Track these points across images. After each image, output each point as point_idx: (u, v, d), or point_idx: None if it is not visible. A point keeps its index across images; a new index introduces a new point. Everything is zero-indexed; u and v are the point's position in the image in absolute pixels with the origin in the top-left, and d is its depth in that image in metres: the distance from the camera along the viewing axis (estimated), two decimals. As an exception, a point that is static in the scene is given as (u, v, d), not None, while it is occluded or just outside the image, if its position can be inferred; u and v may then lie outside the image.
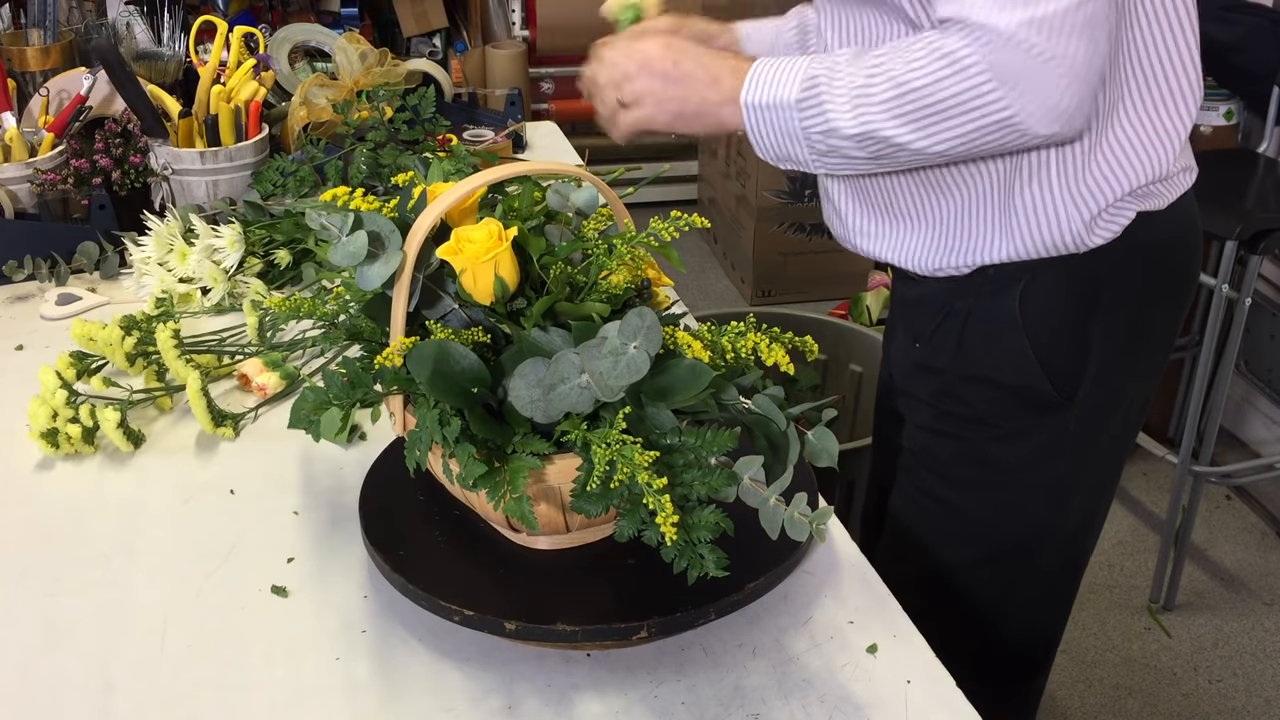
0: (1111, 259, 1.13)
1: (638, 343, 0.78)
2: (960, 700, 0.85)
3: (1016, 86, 0.95)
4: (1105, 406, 1.21)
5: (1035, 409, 1.19)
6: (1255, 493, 2.74)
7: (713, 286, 3.71)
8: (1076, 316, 1.15)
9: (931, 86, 0.97)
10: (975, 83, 0.96)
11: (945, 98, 0.97)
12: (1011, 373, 1.18)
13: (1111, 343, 1.17)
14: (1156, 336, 1.22)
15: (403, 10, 3.41)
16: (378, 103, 1.64)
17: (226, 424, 1.16)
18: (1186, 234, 1.20)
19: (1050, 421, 1.19)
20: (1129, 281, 1.15)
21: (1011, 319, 1.15)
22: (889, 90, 0.99)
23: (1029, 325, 1.15)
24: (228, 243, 1.37)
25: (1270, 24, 2.43)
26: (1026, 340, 1.16)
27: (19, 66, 1.84)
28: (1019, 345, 1.16)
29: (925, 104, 0.98)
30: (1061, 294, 1.14)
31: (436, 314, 0.88)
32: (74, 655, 0.89)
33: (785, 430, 0.84)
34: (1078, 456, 1.23)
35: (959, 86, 0.96)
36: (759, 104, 1.06)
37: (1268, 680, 2.23)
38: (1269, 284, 2.68)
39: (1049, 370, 1.17)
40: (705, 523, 0.80)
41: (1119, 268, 1.14)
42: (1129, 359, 1.20)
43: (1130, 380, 1.22)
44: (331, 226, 0.83)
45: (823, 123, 1.03)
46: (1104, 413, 1.21)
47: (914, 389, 1.27)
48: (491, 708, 0.84)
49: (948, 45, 0.97)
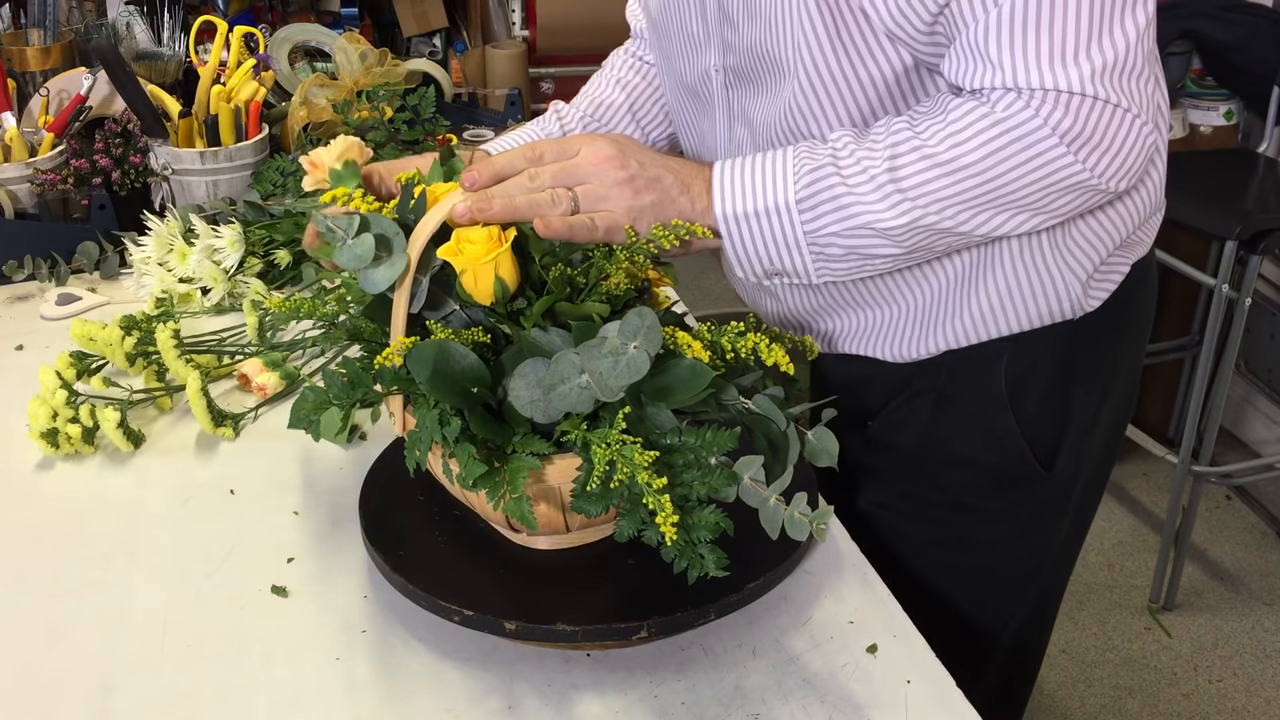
0: (1101, 317, 1.06)
1: (637, 343, 0.78)
2: (960, 700, 0.85)
3: (1093, 146, 0.85)
4: (1079, 468, 1.14)
5: (1017, 485, 1.11)
6: (1255, 493, 2.74)
7: (713, 286, 3.71)
8: (1062, 384, 1.08)
9: (987, 161, 0.86)
10: (1041, 149, 0.85)
11: (1007, 172, 0.86)
12: (993, 452, 1.09)
13: (1091, 403, 1.11)
14: (1127, 380, 1.16)
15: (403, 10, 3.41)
16: (378, 103, 1.64)
17: (226, 424, 1.16)
18: (1154, 272, 1.15)
19: (1031, 496, 1.12)
20: (1109, 334, 1.09)
21: (997, 397, 1.07)
22: (933, 173, 0.87)
23: (1015, 401, 1.07)
24: (228, 243, 1.37)
25: (1270, 24, 2.43)
26: (1013, 416, 1.07)
27: (19, 66, 1.84)
28: (1004, 423, 1.08)
29: (983, 182, 0.87)
30: (1046, 362, 1.07)
31: (437, 315, 0.88)
32: (74, 655, 0.89)
33: (785, 430, 0.84)
34: (1054, 526, 1.17)
35: (1023, 157, 0.86)
36: (740, 214, 0.91)
37: (1268, 680, 2.23)
38: (1269, 284, 2.68)
39: (1033, 443, 1.09)
40: (705, 523, 0.80)
41: (1103, 323, 1.07)
42: (1104, 413, 1.14)
43: (1102, 430, 1.15)
44: (337, 229, 0.83)
45: (840, 221, 0.89)
46: (1078, 475, 1.14)
47: (867, 465, 1.15)
48: (491, 708, 0.84)
49: (1000, 114, 0.85)
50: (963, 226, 0.89)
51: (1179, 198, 2.30)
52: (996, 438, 1.08)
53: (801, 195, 0.89)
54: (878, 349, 1.09)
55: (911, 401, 1.10)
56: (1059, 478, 1.12)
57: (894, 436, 1.12)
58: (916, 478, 1.13)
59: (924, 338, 1.07)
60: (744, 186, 0.90)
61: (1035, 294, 1.03)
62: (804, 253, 0.91)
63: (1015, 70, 0.85)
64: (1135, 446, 2.56)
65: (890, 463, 1.14)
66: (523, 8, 3.75)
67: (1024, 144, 0.85)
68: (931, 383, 1.09)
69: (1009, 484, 1.11)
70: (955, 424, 1.09)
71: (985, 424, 1.08)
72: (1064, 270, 1.02)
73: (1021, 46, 0.85)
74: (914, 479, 1.13)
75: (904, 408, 1.11)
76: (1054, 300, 1.03)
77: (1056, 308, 1.04)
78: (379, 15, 3.48)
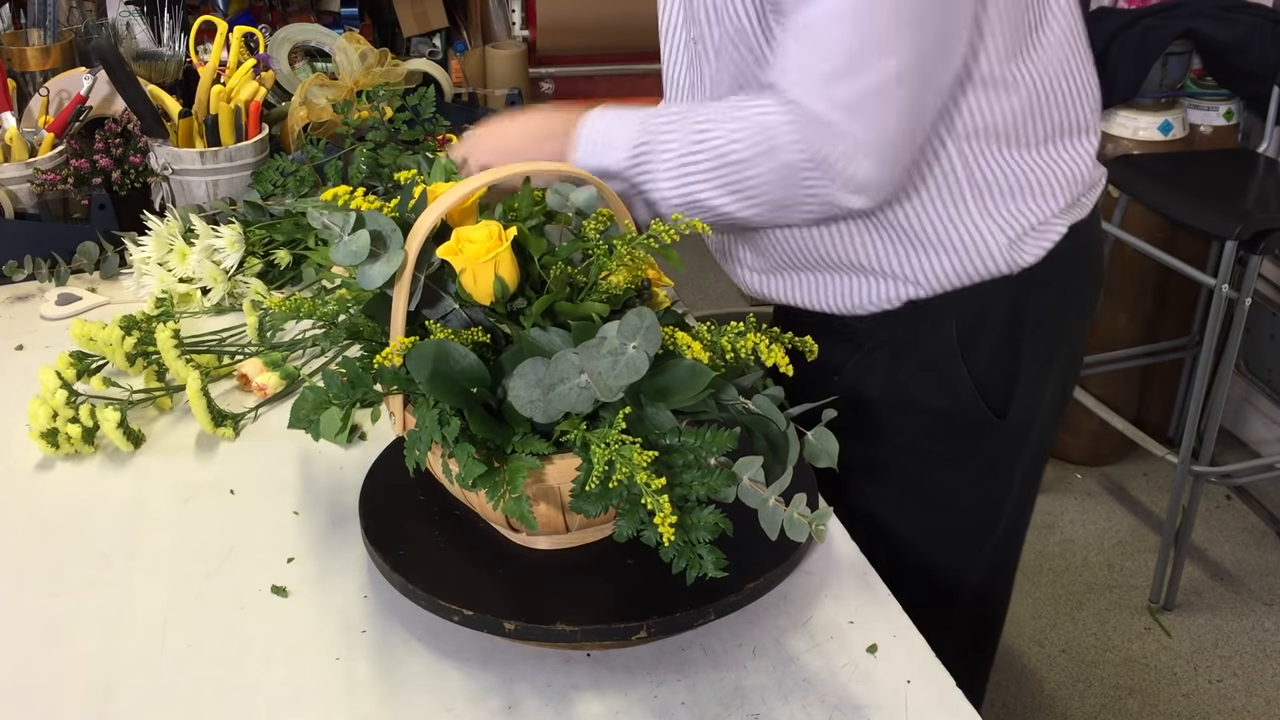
0: (1042, 276, 1.14)
1: (636, 343, 0.78)
2: (960, 700, 0.85)
3: (824, 164, 0.98)
4: (1031, 420, 1.22)
5: (969, 433, 1.19)
6: (1255, 493, 2.74)
7: (713, 286, 3.71)
8: (1010, 337, 1.16)
9: (750, 162, 1.00)
10: (787, 159, 0.99)
11: (762, 173, 1.00)
12: (948, 399, 1.17)
13: (1039, 357, 1.18)
14: (1073, 343, 1.25)
15: (403, 10, 3.41)
16: (378, 103, 1.64)
17: (226, 424, 1.16)
18: (1099, 239, 1.23)
19: (984, 444, 1.20)
20: (1056, 295, 1.17)
21: (949, 349, 1.15)
22: (712, 161, 1.02)
23: (966, 351, 1.15)
24: (228, 243, 1.37)
25: (1270, 24, 2.43)
26: (964, 366, 1.15)
27: (19, 66, 1.84)
28: (957, 374, 1.16)
29: (744, 177, 1.01)
30: (997, 318, 1.15)
31: (437, 314, 0.88)
32: (74, 655, 0.89)
33: (785, 430, 0.84)
34: (1008, 473, 1.24)
35: (773, 163, 1.00)
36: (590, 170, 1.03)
37: (1268, 680, 2.23)
38: (1269, 284, 2.68)
39: (985, 392, 1.17)
40: (704, 523, 0.80)
41: (1049, 284, 1.15)
42: (1052, 370, 1.21)
43: (1053, 383, 1.23)
44: (334, 226, 0.84)
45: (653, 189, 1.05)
46: (1030, 426, 1.22)
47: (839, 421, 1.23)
48: (491, 708, 0.84)
49: (767, 120, 1.00)
50: (729, 210, 1.03)
51: (1179, 198, 2.31)
52: (950, 386, 1.17)
53: (627, 164, 1.05)
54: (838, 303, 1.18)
55: (873, 354, 1.19)
56: (1011, 427, 1.20)
57: (857, 389, 1.21)
58: (878, 426, 1.21)
59: (879, 290, 1.15)
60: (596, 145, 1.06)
61: (968, 250, 1.12)
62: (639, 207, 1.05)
63: (788, 78, 0.99)
64: (1135, 446, 2.56)
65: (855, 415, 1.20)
66: (523, 8, 3.75)
67: (776, 154, 0.99)
68: (890, 335, 1.17)
69: (963, 430, 1.19)
70: (911, 373, 1.18)
71: (939, 373, 1.17)
72: (993, 230, 1.11)
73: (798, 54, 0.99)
74: (876, 427, 1.21)
75: (866, 361, 1.20)
76: (988, 257, 1.12)
77: (992, 264, 1.12)
78: (379, 15, 3.48)
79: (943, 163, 1.08)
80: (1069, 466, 2.84)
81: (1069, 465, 2.85)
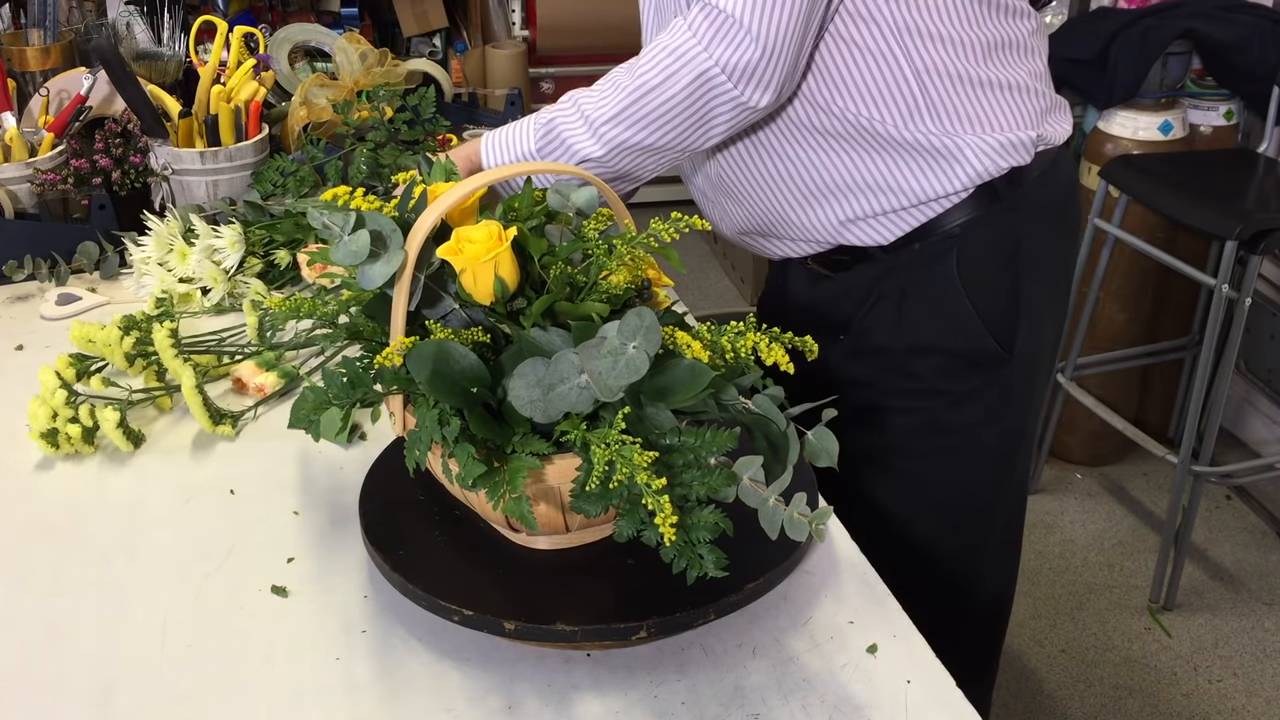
0: (1031, 207, 1.19)
1: (637, 342, 0.78)
2: (960, 700, 0.85)
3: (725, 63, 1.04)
4: (1037, 353, 1.27)
5: (981, 368, 1.24)
6: (1255, 493, 2.74)
7: (713, 286, 3.71)
8: (1009, 270, 1.21)
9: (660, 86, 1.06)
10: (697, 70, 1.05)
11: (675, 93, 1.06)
12: (957, 337, 1.22)
13: (1038, 289, 1.24)
14: (1064, 277, 1.32)
15: (403, 10, 3.41)
16: (378, 103, 1.64)
17: (225, 422, 1.16)
18: (1075, 173, 1.30)
19: (996, 378, 1.25)
20: (1046, 227, 1.23)
21: (951, 284, 1.20)
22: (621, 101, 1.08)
23: (969, 287, 1.20)
24: (228, 243, 1.37)
25: (1270, 24, 2.43)
26: (969, 303, 1.20)
27: (19, 66, 1.84)
28: (962, 308, 1.20)
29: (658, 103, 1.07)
30: (993, 250, 1.20)
31: (437, 314, 0.88)
32: (74, 655, 0.89)
33: (785, 430, 0.84)
34: (1022, 407, 1.28)
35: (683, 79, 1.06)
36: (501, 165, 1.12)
37: (1268, 680, 2.23)
38: (1269, 284, 2.68)
39: (991, 327, 1.21)
40: (704, 523, 0.80)
41: (1038, 215, 1.21)
42: (1049, 302, 1.27)
43: (1049, 323, 1.29)
44: (334, 225, 0.84)
45: (571, 157, 1.10)
46: (1036, 359, 1.28)
47: (849, 375, 1.28)
48: (491, 708, 0.84)
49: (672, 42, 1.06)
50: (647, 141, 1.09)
51: (1179, 198, 2.31)
52: (957, 323, 1.21)
53: (538, 145, 1.11)
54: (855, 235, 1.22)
55: (879, 304, 1.23)
56: (1019, 361, 1.24)
57: (868, 339, 1.25)
58: (891, 371, 1.26)
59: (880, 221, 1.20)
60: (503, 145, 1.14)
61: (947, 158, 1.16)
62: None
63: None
64: (1135, 446, 2.56)
65: (868, 365, 1.27)
66: (523, 8, 3.75)
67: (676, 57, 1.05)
68: (894, 284, 1.22)
69: (974, 366, 1.24)
70: (919, 316, 1.23)
71: (945, 312, 1.21)
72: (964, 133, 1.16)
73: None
74: (889, 373, 1.26)
75: (873, 312, 1.24)
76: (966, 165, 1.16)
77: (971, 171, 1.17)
78: (379, 15, 3.48)
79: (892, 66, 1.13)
80: (1069, 466, 2.84)
81: (1069, 465, 2.85)
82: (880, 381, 1.27)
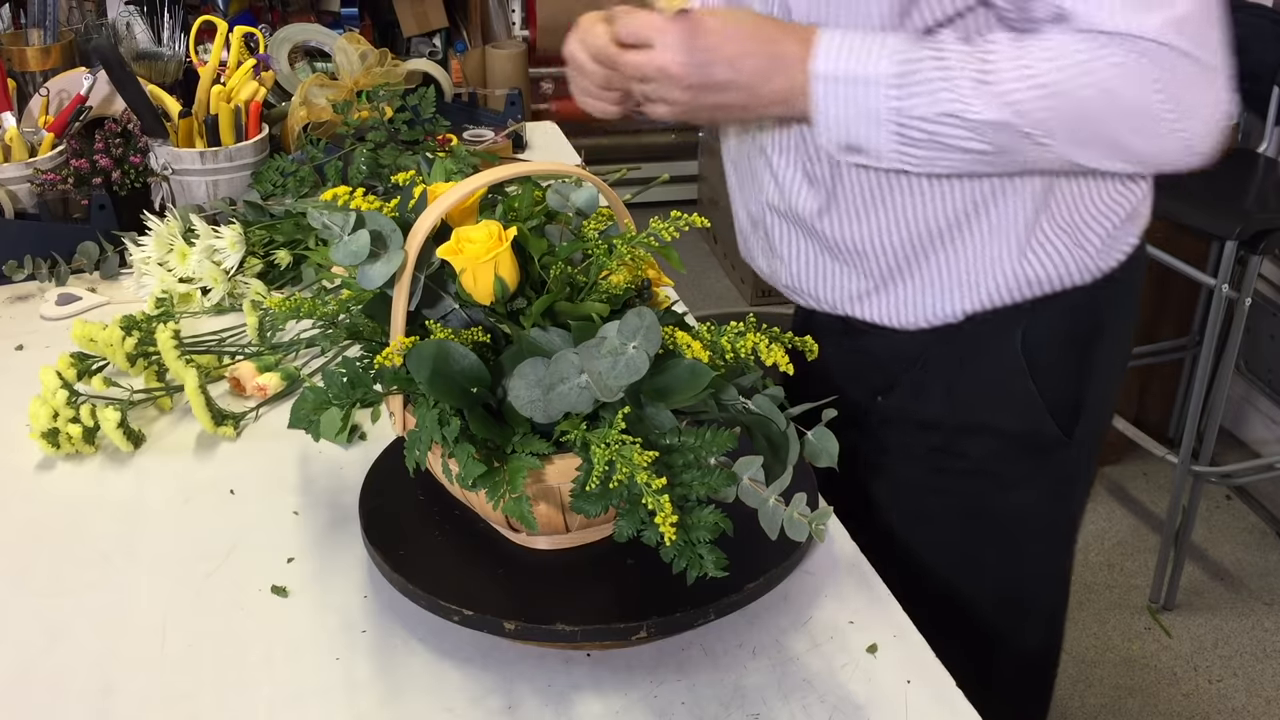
0: (1111, 286, 1.08)
1: (637, 343, 0.78)
2: (960, 700, 0.85)
3: (1181, 100, 0.84)
4: (1096, 438, 1.16)
5: (1039, 452, 1.12)
6: (1255, 493, 2.74)
7: (713, 286, 3.71)
8: (1079, 351, 1.09)
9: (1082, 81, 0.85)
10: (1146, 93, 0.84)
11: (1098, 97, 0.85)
12: (1015, 418, 1.10)
13: (1106, 373, 1.13)
14: (1125, 359, 1.20)
15: (403, 10, 3.41)
16: (378, 103, 1.64)
17: (227, 423, 1.16)
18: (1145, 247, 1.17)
19: (1054, 463, 1.13)
20: (1123, 307, 1.11)
21: (1014, 363, 1.07)
22: (1028, 82, 0.87)
23: (1034, 367, 1.08)
24: (228, 243, 1.37)
25: (1270, 24, 2.43)
26: (1032, 383, 1.08)
27: (19, 66, 1.84)
28: (1024, 389, 1.09)
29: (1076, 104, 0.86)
30: (1063, 330, 1.08)
31: (437, 314, 0.88)
32: (74, 655, 0.89)
33: (785, 430, 0.84)
34: (1079, 491, 1.18)
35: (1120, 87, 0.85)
36: (834, 75, 0.91)
37: (1268, 680, 2.23)
38: (1269, 284, 2.68)
39: (1054, 410, 1.10)
40: (705, 523, 0.80)
41: (1117, 295, 1.09)
42: (1113, 386, 1.16)
43: (1109, 407, 1.18)
44: (333, 225, 0.84)
45: (930, 105, 0.89)
46: (1095, 445, 1.16)
47: (887, 442, 1.16)
48: (491, 708, 0.84)
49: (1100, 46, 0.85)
50: (1048, 141, 0.89)
51: (1179, 198, 2.31)
52: (1017, 403, 1.09)
53: (898, 71, 0.89)
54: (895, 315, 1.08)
55: (928, 370, 1.10)
56: (1078, 445, 1.12)
57: (912, 407, 1.12)
58: (938, 447, 1.13)
59: (944, 301, 1.06)
60: (843, 51, 0.90)
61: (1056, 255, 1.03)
62: (886, 129, 0.91)
63: (1091, 13, 0.84)
64: (1135, 446, 2.56)
65: (908, 436, 1.14)
66: (523, 8, 3.75)
67: (1123, 77, 0.84)
68: (951, 351, 1.08)
69: (1031, 450, 1.11)
70: (975, 391, 1.09)
71: (1005, 390, 1.09)
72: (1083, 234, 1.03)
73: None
74: (935, 448, 1.13)
75: (921, 377, 1.10)
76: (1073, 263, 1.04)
77: (1075, 270, 1.04)
78: (379, 15, 3.48)
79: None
80: (1069, 466, 2.84)
81: (1069, 465, 2.84)
82: (922, 456, 1.14)
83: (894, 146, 0.92)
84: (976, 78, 0.88)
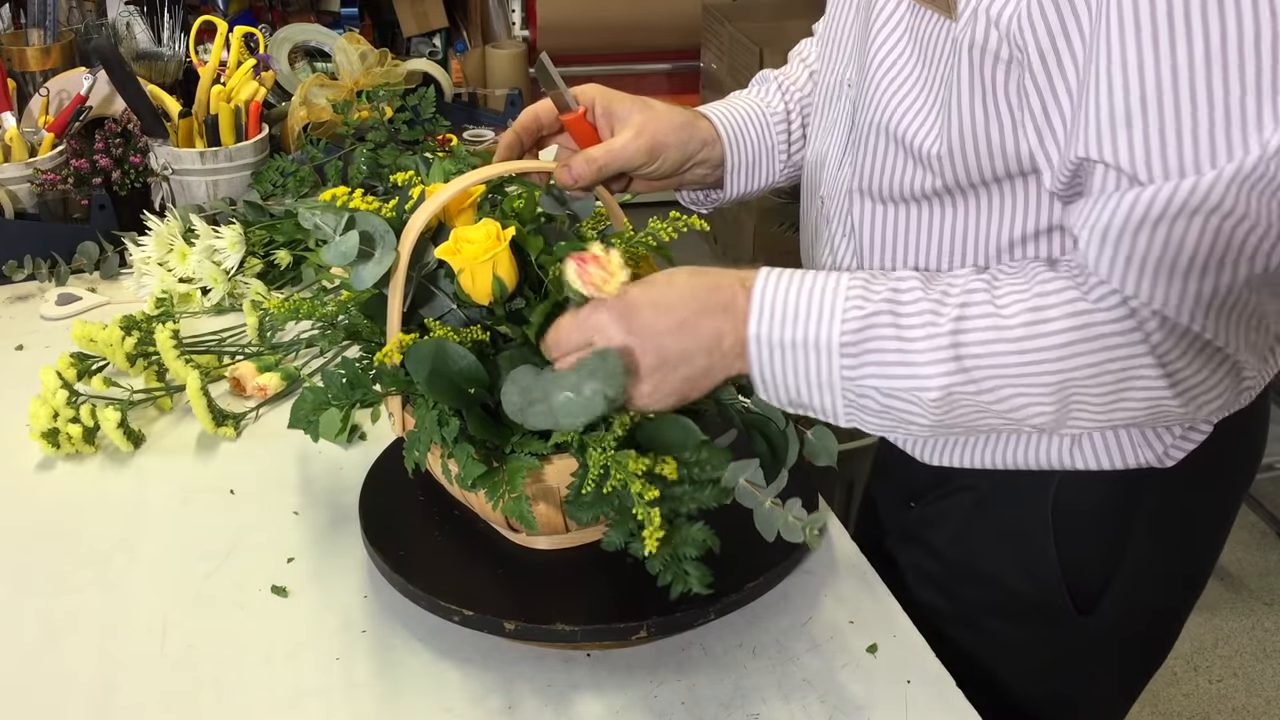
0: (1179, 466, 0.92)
1: (596, 384, 0.75)
2: (960, 700, 0.85)
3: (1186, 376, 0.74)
4: (1130, 616, 0.99)
5: (1044, 621, 0.98)
6: (1255, 493, 2.74)
7: (713, 286, 3.70)
8: (1119, 523, 0.94)
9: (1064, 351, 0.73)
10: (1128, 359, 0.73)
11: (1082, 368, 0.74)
12: (1022, 578, 0.97)
13: (1157, 551, 0.95)
14: (1213, 532, 1.00)
15: (403, 10, 3.41)
16: (378, 103, 1.64)
17: (228, 423, 1.16)
18: (1263, 420, 0.98)
19: (1060, 635, 0.99)
20: (1195, 486, 0.93)
21: (1040, 520, 0.94)
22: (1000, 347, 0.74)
23: (1060, 527, 0.94)
24: (228, 243, 1.37)
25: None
26: (1054, 547, 0.95)
27: (19, 66, 1.84)
28: (1041, 550, 0.95)
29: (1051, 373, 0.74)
30: (1107, 501, 0.93)
31: (434, 314, 0.88)
32: (74, 655, 0.89)
33: (784, 430, 0.84)
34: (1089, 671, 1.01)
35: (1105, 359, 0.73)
36: (775, 341, 0.78)
37: (1268, 680, 2.23)
38: (1269, 284, 2.68)
39: (1070, 578, 0.95)
40: (692, 539, 0.79)
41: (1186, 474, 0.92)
42: (1170, 559, 0.98)
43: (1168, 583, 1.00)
44: (325, 226, 0.83)
45: (885, 378, 0.77)
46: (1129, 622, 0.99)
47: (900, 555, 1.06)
48: (491, 708, 0.84)
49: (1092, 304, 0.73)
50: (1014, 413, 0.77)
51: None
52: (1032, 564, 0.96)
53: (848, 339, 0.77)
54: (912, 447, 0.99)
55: (949, 498, 0.99)
56: (1100, 623, 0.97)
57: (927, 531, 1.02)
58: (933, 587, 1.02)
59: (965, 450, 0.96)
60: (785, 310, 0.78)
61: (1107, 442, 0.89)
62: (836, 397, 0.79)
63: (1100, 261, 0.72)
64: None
65: (919, 561, 1.04)
66: (523, 8, 3.75)
67: (1111, 347, 0.73)
68: (974, 482, 0.97)
69: (1035, 617, 0.98)
70: (986, 534, 0.98)
71: (1023, 546, 0.96)
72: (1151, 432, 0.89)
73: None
74: (930, 588, 1.02)
75: (941, 502, 1.00)
76: (1128, 451, 0.90)
77: (1132, 457, 0.90)
78: (379, 15, 3.48)
79: None
80: (1069, 466, 2.84)
81: (1069, 465, 2.84)
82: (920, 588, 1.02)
83: (845, 412, 0.81)
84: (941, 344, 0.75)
